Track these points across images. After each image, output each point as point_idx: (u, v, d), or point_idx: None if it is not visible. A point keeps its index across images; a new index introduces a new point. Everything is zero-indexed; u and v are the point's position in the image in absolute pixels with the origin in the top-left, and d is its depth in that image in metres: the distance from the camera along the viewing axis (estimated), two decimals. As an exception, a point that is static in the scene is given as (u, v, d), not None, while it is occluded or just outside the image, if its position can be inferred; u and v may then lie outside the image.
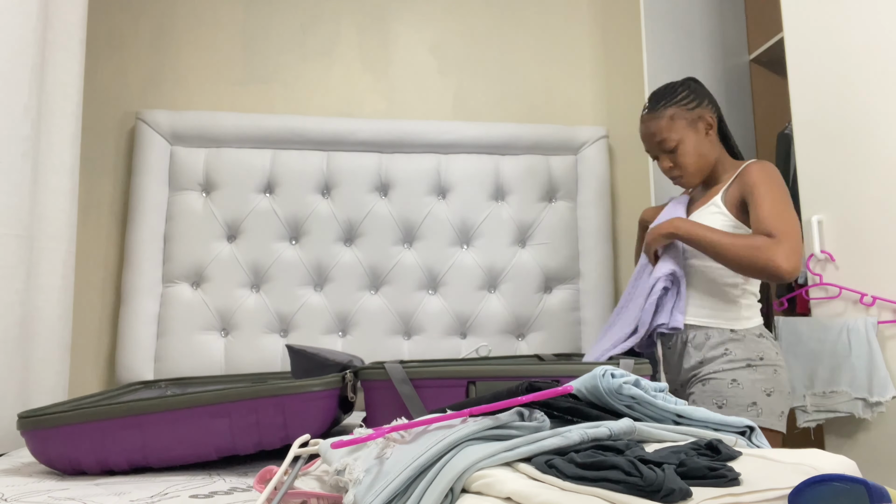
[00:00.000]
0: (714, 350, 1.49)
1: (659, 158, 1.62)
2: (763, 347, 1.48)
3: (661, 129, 1.57)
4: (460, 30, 2.38)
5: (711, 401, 1.46)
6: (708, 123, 1.57)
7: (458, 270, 2.18)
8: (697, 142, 1.56)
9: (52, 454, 1.11)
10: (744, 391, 1.43)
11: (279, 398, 1.11)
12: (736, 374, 1.45)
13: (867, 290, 1.66)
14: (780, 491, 0.58)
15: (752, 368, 1.45)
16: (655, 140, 1.58)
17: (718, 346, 1.49)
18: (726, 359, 1.47)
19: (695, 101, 1.57)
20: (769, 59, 2.46)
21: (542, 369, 1.21)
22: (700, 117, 1.57)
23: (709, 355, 1.49)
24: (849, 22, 1.71)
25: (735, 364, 1.46)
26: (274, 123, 2.15)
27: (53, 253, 1.63)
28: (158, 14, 2.24)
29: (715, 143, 1.60)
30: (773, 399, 1.44)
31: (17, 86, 1.46)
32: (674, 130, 1.56)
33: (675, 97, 1.58)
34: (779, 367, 1.49)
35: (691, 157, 1.56)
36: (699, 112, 1.57)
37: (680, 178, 1.60)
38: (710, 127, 1.58)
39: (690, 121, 1.56)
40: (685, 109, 1.56)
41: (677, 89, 1.60)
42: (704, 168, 1.59)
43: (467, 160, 2.22)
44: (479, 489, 0.63)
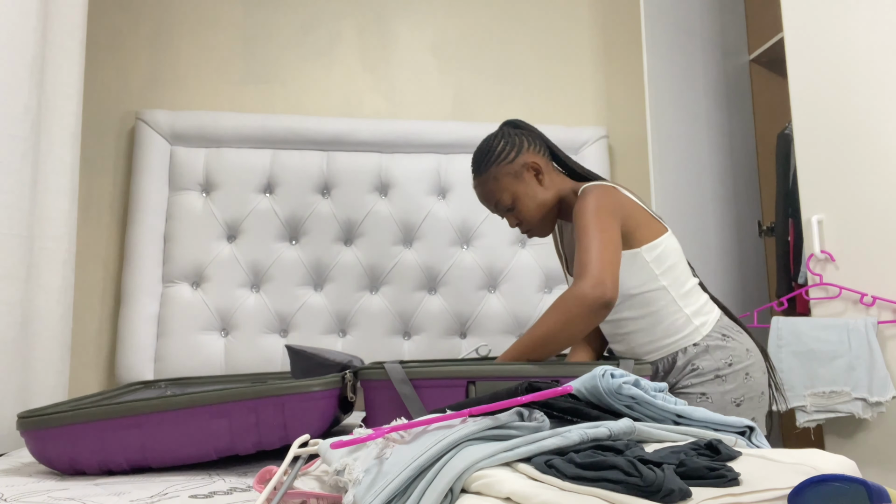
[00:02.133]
0: (682, 370, 1.43)
1: (503, 217, 1.54)
2: (729, 350, 1.42)
3: (491, 192, 1.49)
4: (460, 30, 2.38)
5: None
6: (534, 168, 1.48)
7: (458, 270, 2.18)
8: (531, 192, 1.47)
9: (51, 454, 1.11)
10: (713, 405, 1.38)
11: (279, 398, 1.11)
12: (705, 388, 1.40)
13: (867, 290, 1.66)
14: (780, 491, 0.58)
15: (721, 379, 1.40)
16: (492, 203, 1.51)
17: (685, 364, 1.43)
18: (695, 374, 1.41)
19: (513, 151, 1.48)
20: (769, 59, 2.46)
21: (542, 369, 1.21)
22: (524, 165, 1.47)
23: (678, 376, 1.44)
24: (849, 22, 1.71)
25: (704, 377, 1.41)
26: (274, 123, 2.15)
27: (53, 253, 1.63)
28: (158, 14, 2.24)
29: (551, 183, 1.50)
30: (742, 408, 1.40)
31: (17, 86, 1.46)
32: (503, 189, 1.47)
33: (492, 154, 1.48)
34: (750, 367, 1.42)
35: (531, 209, 1.48)
36: (521, 160, 1.47)
37: (529, 231, 1.53)
38: (538, 171, 1.48)
39: (514, 174, 1.47)
40: (506, 164, 1.47)
41: (493, 145, 1.49)
42: (548, 214, 1.50)
43: (467, 160, 2.22)
44: (478, 489, 0.63)
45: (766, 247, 2.50)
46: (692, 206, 2.29)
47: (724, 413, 1.33)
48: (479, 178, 1.50)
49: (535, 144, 1.50)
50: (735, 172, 2.44)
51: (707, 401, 1.39)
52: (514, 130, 1.52)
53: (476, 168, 1.51)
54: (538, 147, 1.51)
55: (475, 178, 1.52)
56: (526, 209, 1.47)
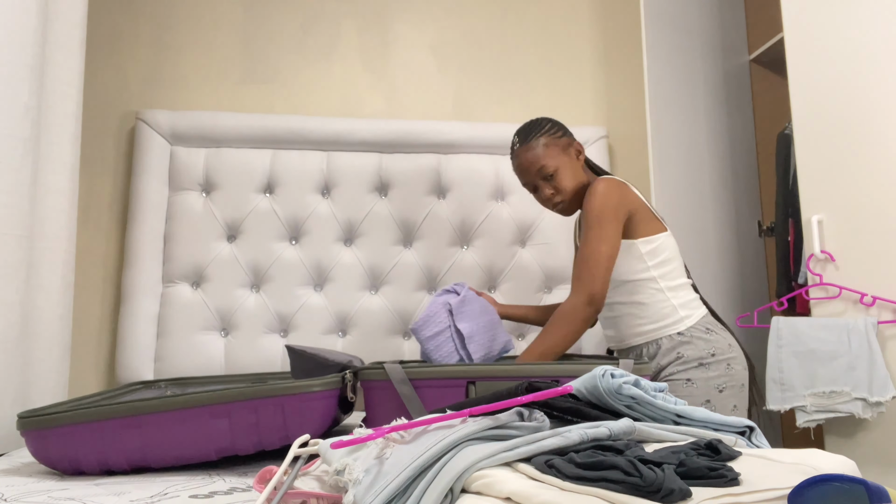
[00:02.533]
0: (667, 356, 1.54)
1: (539, 188, 1.62)
2: (713, 343, 1.53)
3: (538, 158, 1.58)
4: (460, 30, 2.38)
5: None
6: (577, 150, 1.63)
7: (458, 270, 2.18)
8: (573, 167, 1.61)
9: (52, 454, 1.11)
10: (698, 390, 1.49)
11: (279, 398, 1.11)
12: (689, 374, 1.51)
13: (867, 290, 1.66)
14: (780, 491, 0.58)
15: (705, 367, 1.51)
16: (534, 168, 1.59)
17: (670, 351, 1.54)
18: (679, 361, 1.52)
19: (561, 131, 1.62)
20: (769, 59, 2.46)
21: (542, 369, 1.21)
22: (570, 144, 1.62)
23: (663, 361, 1.54)
24: (849, 22, 1.71)
25: (688, 364, 1.51)
26: (274, 123, 2.15)
27: (53, 253, 1.63)
28: (158, 14, 2.24)
29: (585, 170, 1.65)
30: (724, 395, 1.50)
31: (17, 86, 1.46)
32: (550, 157, 1.58)
33: (543, 127, 1.61)
34: (733, 359, 1.53)
35: (570, 181, 1.59)
36: (567, 139, 1.62)
37: (561, 203, 1.61)
38: (580, 153, 1.64)
39: (563, 147, 1.60)
40: (556, 138, 1.60)
41: (542, 122, 1.63)
42: (580, 193, 1.61)
43: (467, 160, 2.22)
44: (478, 489, 0.63)
45: (766, 247, 2.50)
46: (692, 205, 2.29)
47: (708, 398, 1.49)
48: (527, 144, 1.60)
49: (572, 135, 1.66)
50: (735, 172, 2.44)
51: (692, 385, 1.50)
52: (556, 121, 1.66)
53: (524, 137, 1.61)
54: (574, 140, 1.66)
55: (521, 145, 1.61)
56: (566, 181, 1.59)
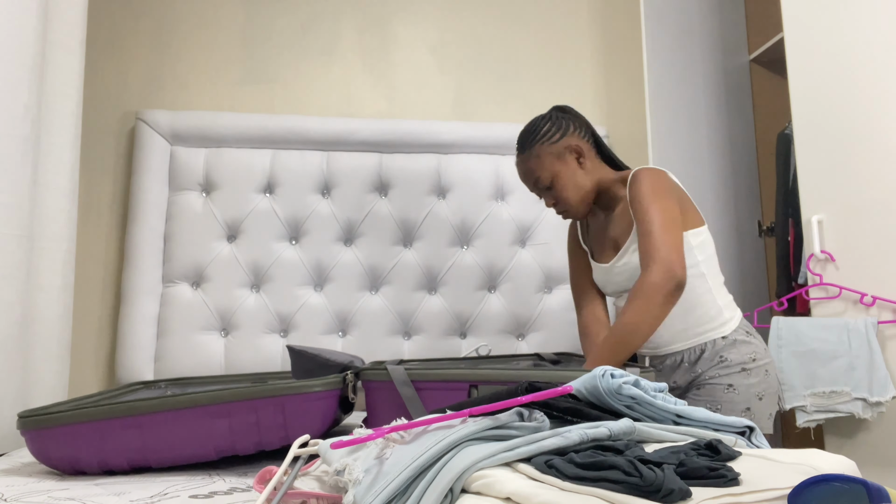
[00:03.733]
0: (710, 361, 1.48)
1: (541, 197, 1.58)
2: (753, 347, 1.49)
3: (532, 170, 1.53)
4: (460, 30, 2.38)
5: (706, 405, 1.46)
6: (577, 152, 1.53)
7: (458, 270, 2.18)
8: (571, 173, 1.52)
9: (52, 454, 1.11)
10: (739, 396, 1.44)
11: (279, 398, 1.11)
12: (732, 379, 1.45)
13: (867, 290, 1.66)
14: (780, 491, 0.58)
15: (747, 372, 1.46)
16: (531, 180, 1.55)
17: (714, 356, 1.48)
18: (721, 365, 1.47)
19: (558, 133, 1.52)
20: (769, 59, 2.46)
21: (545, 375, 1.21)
22: (567, 147, 1.52)
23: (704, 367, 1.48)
24: (849, 22, 1.71)
25: (731, 369, 1.46)
26: (274, 123, 2.15)
27: (53, 253, 1.63)
28: (158, 14, 2.24)
29: (592, 169, 1.54)
30: (764, 402, 1.46)
31: (17, 86, 1.46)
32: (544, 168, 1.52)
33: (538, 134, 1.53)
34: (769, 364, 1.49)
35: (569, 190, 1.52)
36: (565, 142, 1.52)
37: (566, 212, 1.57)
38: (581, 154, 1.53)
39: (558, 154, 1.52)
40: (549, 144, 1.52)
41: (539, 125, 1.54)
42: (586, 198, 1.54)
43: (467, 160, 2.22)
44: (478, 489, 0.63)
45: (766, 247, 2.50)
46: (692, 206, 2.28)
47: (748, 405, 1.43)
48: (522, 155, 1.55)
49: (580, 130, 1.55)
50: (735, 172, 2.44)
51: (734, 391, 1.44)
52: (561, 114, 1.57)
53: (520, 146, 1.56)
54: (583, 133, 1.56)
55: (518, 155, 1.57)
56: (564, 190, 1.52)
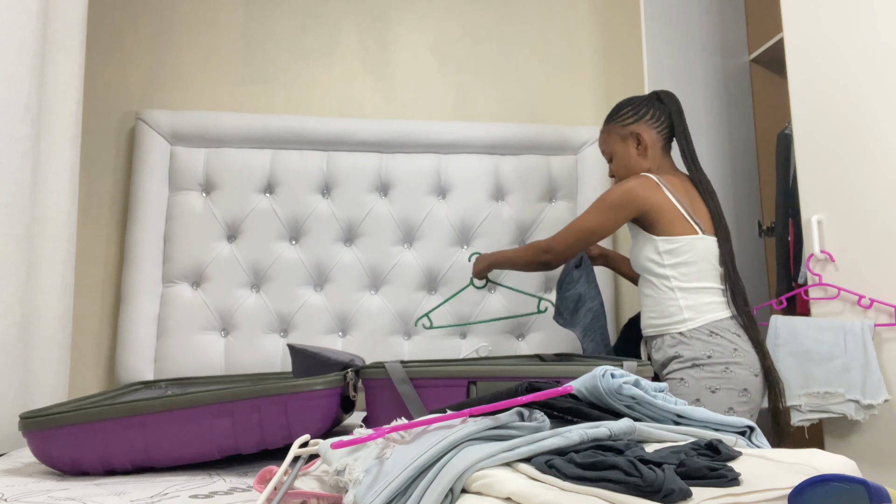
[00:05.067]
0: (669, 352, 1.59)
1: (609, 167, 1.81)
2: (713, 346, 1.54)
3: (601, 142, 1.77)
4: (460, 30, 2.38)
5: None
6: (638, 139, 1.68)
7: (458, 270, 2.18)
8: (626, 156, 1.70)
9: (54, 455, 1.11)
10: (688, 389, 1.52)
11: (281, 397, 1.11)
12: (683, 374, 1.54)
13: (867, 291, 1.66)
14: (780, 491, 0.58)
15: (699, 367, 1.53)
16: (600, 151, 1.78)
17: (671, 349, 1.58)
18: (677, 361, 1.56)
19: (633, 118, 1.69)
20: (769, 59, 2.46)
21: (542, 370, 1.21)
22: (631, 133, 1.69)
23: (667, 357, 1.59)
24: (849, 22, 1.71)
25: (683, 364, 1.55)
26: (274, 123, 2.15)
27: (53, 253, 1.63)
28: (158, 14, 2.24)
29: (648, 158, 1.68)
30: (718, 395, 1.50)
31: (17, 86, 1.46)
32: (608, 144, 1.74)
33: (617, 114, 1.72)
34: (732, 364, 1.53)
35: (620, 169, 1.72)
36: (632, 128, 1.69)
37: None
38: (640, 143, 1.68)
39: (622, 136, 1.70)
40: (620, 125, 1.70)
41: (621, 106, 1.73)
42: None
43: (467, 160, 2.22)
44: (479, 489, 0.63)
45: (766, 247, 2.50)
46: (692, 206, 2.28)
47: (699, 398, 1.51)
48: (602, 127, 1.77)
49: (657, 120, 1.70)
50: (735, 172, 2.44)
51: (684, 385, 1.53)
52: (651, 101, 1.72)
53: (605, 119, 1.77)
54: (659, 124, 1.70)
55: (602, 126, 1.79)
56: (618, 167, 1.73)
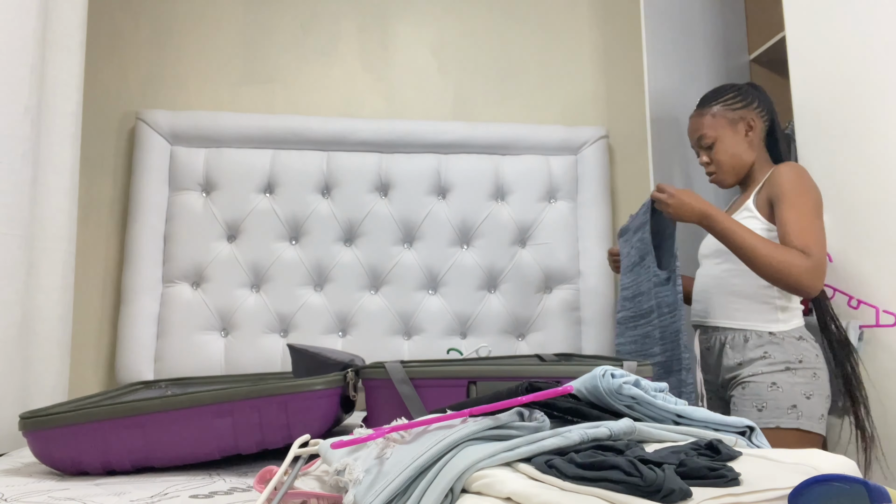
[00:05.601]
0: (753, 352, 1.50)
1: (698, 154, 1.67)
2: (802, 350, 1.48)
3: (702, 126, 1.63)
4: (460, 30, 2.38)
5: (751, 404, 1.46)
6: (748, 125, 1.61)
7: (458, 270, 2.18)
8: (735, 142, 1.61)
9: (54, 455, 1.11)
10: (783, 394, 1.44)
11: (282, 397, 1.11)
12: (775, 378, 1.46)
13: (866, 292, 1.65)
14: (780, 491, 0.58)
15: (792, 372, 1.45)
16: (696, 136, 1.65)
17: (757, 348, 1.49)
18: (765, 362, 1.47)
19: (741, 103, 1.62)
20: (769, 59, 2.46)
21: (542, 370, 1.21)
22: (742, 118, 1.61)
23: (747, 357, 1.50)
24: (849, 22, 1.71)
25: (774, 367, 1.46)
26: (274, 123, 2.15)
27: (53, 253, 1.63)
28: (158, 14, 2.24)
29: (755, 146, 1.62)
30: (812, 402, 1.44)
31: (17, 86, 1.46)
32: (713, 128, 1.61)
33: (723, 96, 1.63)
34: (818, 370, 1.47)
35: (726, 155, 1.61)
36: (742, 113, 1.61)
37: (714, 174, 1.65)
38: (751, 129, 1.61)
39: (731, 120, 1.61)
40: (728, 109, 1.61)
41: (727, 90, 1.64)
42: (738, 169, 1.62)
43: (467, 160, 2.22)
44: (479, 489, 0.63)
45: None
46: (692, 205, 2.28)
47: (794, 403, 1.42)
48: (700, 109, 1.65)
49: (762, 110, 1.64)
50: (735, 172, 2.44)
51: (778, 390, 1.44)
52: (751, 89, 1.67)
53: (702, 101, 1.66)
54: (763, 113, 1.64)
55: (698, 108, 1.67)
56: (723, 153, 1.61)
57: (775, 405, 1.43)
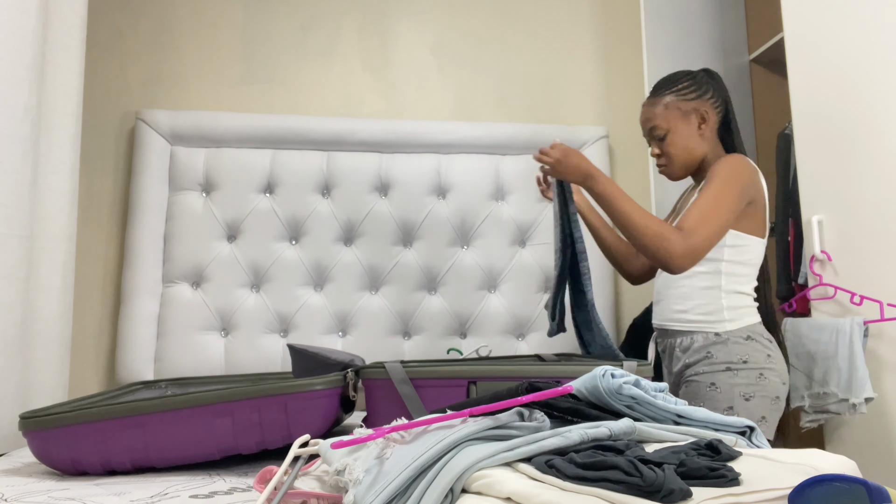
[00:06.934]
0: (697, 353, 1.48)
1: (649, 144, 1.61)
2: (749, 350, 1.45)
3: (654, 116, 1.55)
4: (460, 30, 2.38)
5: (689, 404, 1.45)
6: (702, 117, 1.54)
7: (458, 270, 2.18)
8: (687, 134, 1.54)
9: (54, 455, 1.11)
10: (720, 395, 1.42)
11: (282, 397, 1.11)
12: (715, 378, 1.44)
13: (867, 291, 1.66)
14: (780, 491, 0.58)
15: (733, 372, 1.43)
16: (648, 126, 1.57)
17: (701, 349, 1.48)
18: (707, 362, 1.46)
19: (695, 93, 1.54)
20: (769, 59, 2.46)
21: (542, 370, 1.21)
22: (695, 110, 1.53)
23: (692, 359, 1.49)
24: (849, 22, 1.71)
25: (715, 367, 1.45)
26: (274, 123, 2.15)
27: (53, 253, 1.63)
28: (158, 14, 2.24)
29: (707, 139, 1.55)
30: (752, 403, 1.42)
31: (17, 86, 1.46)
32: (665, 119, 1.54)
33: (676, 86, 1.55)
34: (767, 370, 1.44)
35: (678, 148, 1.54)
36: (696, 104, 1.53)
37: (664, 167, 1.59)
38: (704, 122, 1.54)
39: (684, 112, 1.53)
40: (682, 99, 1.53)
41: (681, 78, 1.57)
42: (689, 162, 1.56)
43: (467, 160, 2.22)
44: (479, 489, 0.63)
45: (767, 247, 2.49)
46: (692, 205, 2.28)
47: (730, 405, 1.41)
48: (652, 98, 1.58)
49: (716, 100, 1.56)
50: (735, 172, 2.43)
51: (716, 390, 1.43)
52: (707, 78, 1.58)
53: (655, 89, 1.59)
54: (718, 104, 1.56)
55: (649, 97, 1.59)
56: (673, 146, 1.54)
57: (712, 406, 1.41)
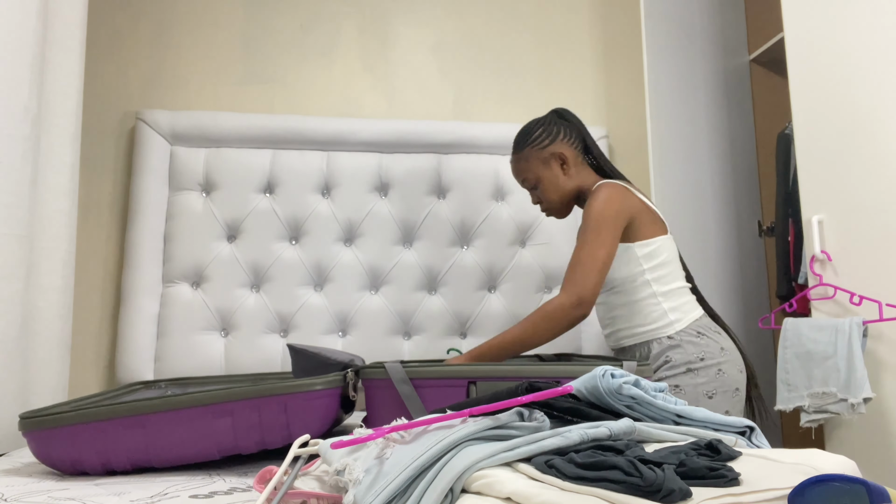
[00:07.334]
0: (656, 360, 1.54)
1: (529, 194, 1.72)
2: (703, 347, 1.51)
3: (521, 171, 1.67)
4: (460, 30, 2.38)
5: None
6: (561, 159, 1.63)
7: (458, 270, 2.18)
8: (553, 178, 1.64)
9: (54, 455, 1.11)
10: (686, 396, 1.47)
11: (282, 397, 1.11)
12: (678, 381, 1.50)
13: (867, 291, 1.66)
14: (780, 491, 0.58)
15: (694, 372, 1.49)
16: (520, 179, 1.69)
17: (659, 355, 1.53)
18: (667, 366, 1.51)
19: (548, 139, 1.64)
20: (769, 59, 2.46)
21: (542, 369, 1.21)
22: (552, 154, 1.63)
23: (653, 365, 1.54)
24: (849, 22, 1.71)
25: (676, 370, 1.50)
26: (274, 123, 2.15)
27: (53, 253, 1.63)
28: (158, 14, 2.24)
29: (575, 174, 1.65)
30: (715, 401, 1.48)
31: (17, 86, 1.46)
32: (530, 171, 1.65)
33: (530, 138, 1.65)
34: (723, 363, 1.51)
35: (550, 192, 1.65)
36: (551, 149, 1.63)
37: (548, 211, 1.69)
38: (565, 162, 1.63)
39: (543, 160, 1.64)
40: (538, 149, 1.64)
41: (532, 130, 1.66)
42: (566, 200, 1.66)
43: (467, 160, 2.22)
44: (478, 489, 0.63)
45: (766, 247, 2.50)
46: (692, 205, 2.29)
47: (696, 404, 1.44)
48: (515, 155, 1.69)
49: (570, 136, 1.66)
50: (735, 172, 2.44)
51: (681, 392, 1.49)
52: (557, 119, 1.68)
53: (515, 146, 1.70)
54: (573, 140, 1.66)
55: (512, 154, 1.70)
56: (546, 192, 1.65)
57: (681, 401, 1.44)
